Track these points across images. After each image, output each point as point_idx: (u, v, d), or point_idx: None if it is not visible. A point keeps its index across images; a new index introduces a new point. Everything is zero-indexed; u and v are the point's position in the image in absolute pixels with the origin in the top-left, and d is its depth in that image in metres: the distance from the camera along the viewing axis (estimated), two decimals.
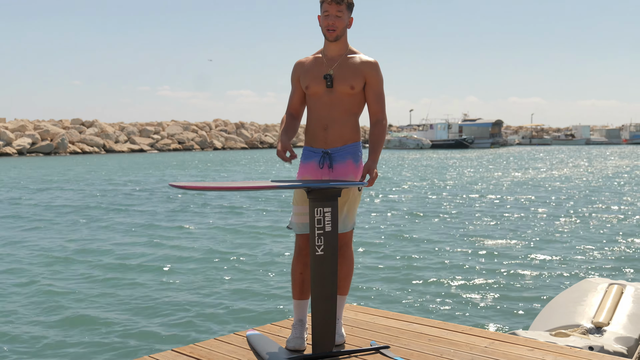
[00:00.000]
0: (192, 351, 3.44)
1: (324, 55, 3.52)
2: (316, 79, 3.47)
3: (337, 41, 3.46)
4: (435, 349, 3.44)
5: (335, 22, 3.41)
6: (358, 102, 3.49)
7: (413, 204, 18.26)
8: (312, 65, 3.53)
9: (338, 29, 3.42)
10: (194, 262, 10.27)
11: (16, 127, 59.33)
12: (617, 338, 4.01)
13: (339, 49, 3.49)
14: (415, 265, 9.84)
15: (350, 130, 3.49)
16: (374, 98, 3.47)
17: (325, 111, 3.46)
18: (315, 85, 3.47)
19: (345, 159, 3.46)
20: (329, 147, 3.47)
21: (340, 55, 3.48)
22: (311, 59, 3.57)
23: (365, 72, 3.45)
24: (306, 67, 3.54)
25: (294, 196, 3.58)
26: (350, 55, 3.50)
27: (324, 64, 3.49)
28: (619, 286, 4.69)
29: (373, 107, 3.48)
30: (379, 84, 3.48)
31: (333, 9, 3.39)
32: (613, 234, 12.77)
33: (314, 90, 3.48)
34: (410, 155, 56.65)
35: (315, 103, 3.50)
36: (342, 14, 3.40)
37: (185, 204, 18.83)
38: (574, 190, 22.63)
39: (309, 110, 3.56)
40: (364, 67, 3.45)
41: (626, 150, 67.96)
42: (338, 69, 3.45)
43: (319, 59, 3.53)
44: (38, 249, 11.51)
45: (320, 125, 3.47)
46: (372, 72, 3.46)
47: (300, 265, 3.54)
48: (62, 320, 7.15)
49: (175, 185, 3.10)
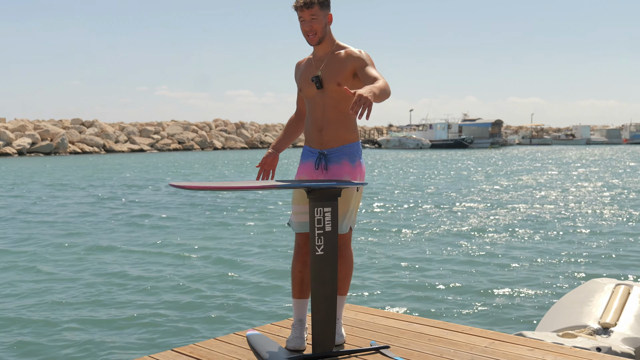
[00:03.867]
0: (192, 351, 3.44)
1: (314, 56, 3.52)
2: (307, 81, 3.48)
3: (322, 42, 3.43)
4: (435, 349, 3.44)
5: (313, 25, 3.36)
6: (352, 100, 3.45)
7: (413, 204, 18.25)
8: (304, 67, 3.54)
9: (318, 31, 3.38)
10: (193, 262, 10.27)
11: (16, 127, 59.32)
12: (624, 339, 4.00)
13: (325, 49, 3.46)
14: (416, 265, 9.84)
15: (346, 130, 3.46)
16: (367, 74, 3.29)
17: (319, 113, 3.46)
18: (307, 88, 3.48)
19: (340, 160, 3.44)
20: (324, 148, 3.47)
21: (327, 54, 3.46)
22: (305, 61, 3.58)
23: (349, 64, 3.39)
24: (300, 70, 3.56)
25: (293, 195, 3.58)
26: (337, 51, 3.45)
27: (312, 65, 3.49)
28: (626, 286, 4.67)
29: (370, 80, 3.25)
30: (367, 63, 3.36)
31: (306, 14, 3.34)
32: (620, 234, 12.76)
33: (307, 93, 3.49)
34: (409, 155, 56.63)
35: (309, 105, 3.51)
36: (317, 15, 3.35)
37: (185, 203, 18.83)
38: (580, 190, 22.62)
39: (307, 112, 3.57)
40: (349, 60, 3.40)
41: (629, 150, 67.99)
42: (325, 68, 3.43)
43: (310, 60, 3.54)
44: (37, 249, 11.51)
45: (316, 127, 3.47)
46: (357, 59, 3.37)
47: (299, 264, 3.54)
48: (62, 320, 7.15)
49: (175, 185, 3.10)
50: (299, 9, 3.36)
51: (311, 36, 3.39)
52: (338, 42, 3.49)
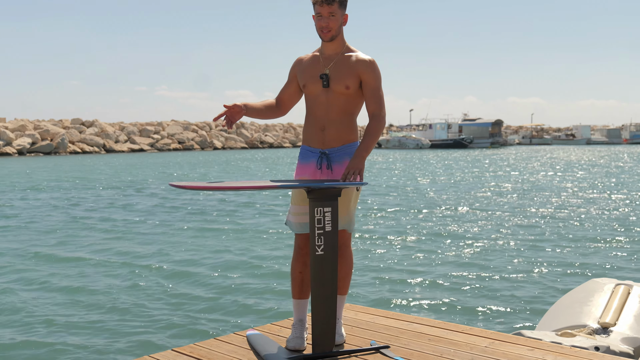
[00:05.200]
0: (192, 351, 3.44)
1: (321, 54, 3.50)
2: (313, 78, 3.45)
3: (334, 40, 3.43)
4: (435, 349, 3.44)
5: (329, 22, 3.37)
6: (355, 101, 3.46)
7: (413, 204, 18.26)
8: (309, 63, 3.50)
9: (333, 29, 3.38)
10: (193, 262, 10.27)
11: (16, 127, 59.30)
12: (624, 338, 4.01)
13: (335, 48, 3.46)
14: (416, 265, 9.84)
15: (347, 130, 3.47)
16: (371, 95, 3.43)
17: (322, 111, 3.45)
18: (312, 85, 3.45)
19: (342, 160, 3.44)
20: (326, 147, 3.46)
21: (336, 54, 3.46)
22: (310, 57, 3.54)
23: (360, 70, 3.41)
24: (304, 66, 3.52)
25: (292, 195, 3.58)
26: (347, 53, 3.46)
27: (320, 63, 3.47)
28: (625, 286, 4.68)
29: (371, 105, 3.44)
30: (375, 81, 3.43)
31: (325, 10, 3.35)
32: (620, 233, 12.76)
33: (311, 90, 3.46)
34: (408, 155, 56.63)
35: (312, 103, 3.49)
36: (335, 13, 3.36)
37: (185, 204, 18.83)
38: (580, 190, 22.62)
39: (307, 109, 3.55)
40: (359, 66, 3.42)
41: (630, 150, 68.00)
42: (334, 68, 3.42)
43: (317, 57, 3.51)
44: (35, 249, 11.51)
45: (318, 126, 3.46)
46: (367, 70, 3.42)
47: (299, 264, 3.54)
48: (62, 320, 7.15)
49: (175, 185, 3.11)
50: (318, 3, 3.35)
51: (326, 32, 3.39)
52: (348, 44, 3.50)
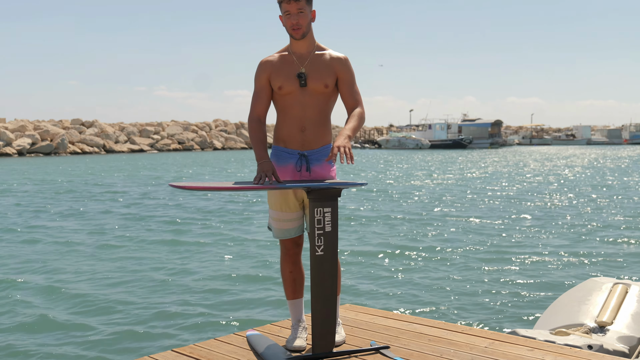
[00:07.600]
0: (192, 351, 3.44)
1: (292, 53, 3.42)
2: (289, 78, 3.36)
3: (305, 38, 3.38)
4: (435, 349, 3.44)
5: (299, 19, 3.32)
6: (331, 100, 3.43)
7: (413, 204, 18.26)
8: (282, 64, 3.40)
9: (303, 26, 3.33)
10: (193, 262, 10.27)
11: (16, 127, 59.31)
12: (620, 337, 4.01)
13: (307, 46, 3.41)
14: (416, 265, 9.85)
15: (325, 131, 3.44)
16: (349, 92, 3.41)
17: (300, 111, 3.37)
18: (289, 85, 3.36)
19: (321, 161, 3.41)
20: (305, 149, 3.40)
21: (309, 52, 3.41)
22: (279, 57, 3.43)
23: (336, 68, 3.39)
24: (276, 66, 3.40)
25: (270, 199, 3.47)
26: (319, 52, 3.42)
27: (294, 62, 3.39)
28: (623, 285, 4.69)
29: (349, 102, 3.41)
30: (351, 78, 3.42)
31: (293, 7, 3.29)
32: (619, 232, 12.76)
33: (288, 90, 3.37)
34: (407, 155, 56.63)
35: (287, 103, 3.39)
36: (304, 9, 3.31)
37: (184, 204, 18.83)
38: (578, 189, 22.62)
39: (281, 110, 3.43)
40: (335, 64, 3.40)
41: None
42: (310, 66, 3.37)
43: (287, 57, 3.42)
44: (34, 248, 11.51)
45: (297, 127, 3.38)
46: (343, 68, 3.40)
47: (289, 264, 3.53)
48: (62, 320, 7.15)
49: (175, 185, 3.10)
50: (285, 1, 3.29)
51: (296, 30, 3.33)
52: (318, 42, 3.46)
